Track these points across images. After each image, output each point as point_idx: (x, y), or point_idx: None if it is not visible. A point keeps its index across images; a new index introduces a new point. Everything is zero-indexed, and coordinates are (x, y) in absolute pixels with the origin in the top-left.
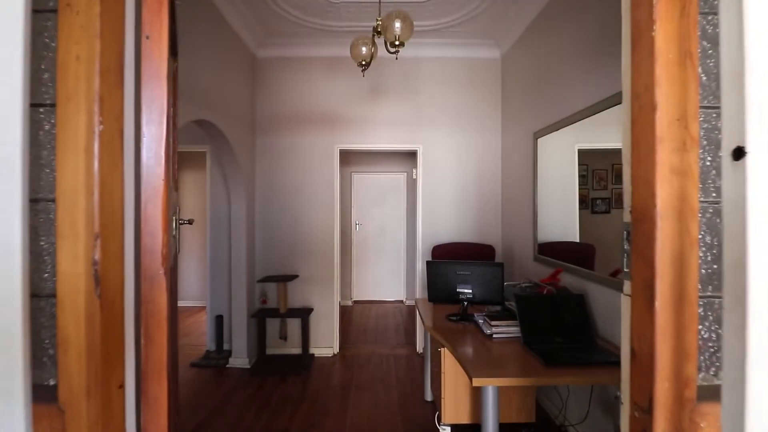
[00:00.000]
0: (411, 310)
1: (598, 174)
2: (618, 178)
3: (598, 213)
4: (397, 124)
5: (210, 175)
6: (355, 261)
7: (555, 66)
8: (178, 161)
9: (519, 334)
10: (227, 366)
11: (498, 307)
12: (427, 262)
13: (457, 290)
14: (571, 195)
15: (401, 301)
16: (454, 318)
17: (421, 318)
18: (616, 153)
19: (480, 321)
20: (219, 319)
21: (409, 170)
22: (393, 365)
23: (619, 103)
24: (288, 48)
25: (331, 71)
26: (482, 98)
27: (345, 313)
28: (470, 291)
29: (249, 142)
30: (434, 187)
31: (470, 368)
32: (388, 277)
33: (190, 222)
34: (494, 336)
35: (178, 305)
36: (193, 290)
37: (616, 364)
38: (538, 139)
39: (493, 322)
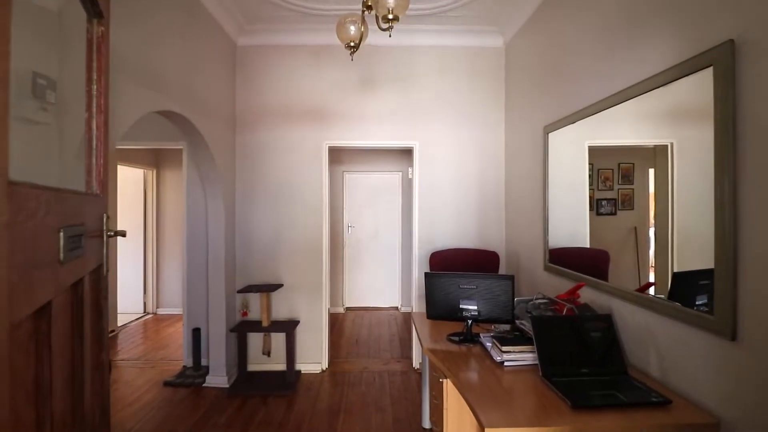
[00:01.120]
0: (406, 318)
1: (604, 173)
2: (624, 178)
3: (604, 215)
4: (391, 118)
5: (186, 174)
6: (347, 265)
7: (569, 53)
8: (157, 159)
9: (535, 362)
10: (204, 385)
11: (507, 327)
12: (426, 274)
13: (460, 306)
14: (580, 196)
15: (396, 308)
16: (457, 338)
17: (419, 337)
18: (622, 151)
19: (488, 344)
20: (196, 333)
21: (404, 169)
22: (387, 383)
23: (648, 91)
24: (271, 35)
25: (319, 61)
26: (484, 91)
27: (336, 321)
28: (475, 307)
29: (228, 138)
30: (431, 188)
31: (481, 412)
32: (382, 283)
33: (122, 234)
34: (506, 364)
35: (159, 313)
36: (175, 297)
37: (659, 404)
38: (549, 134)
39: (505, 348)
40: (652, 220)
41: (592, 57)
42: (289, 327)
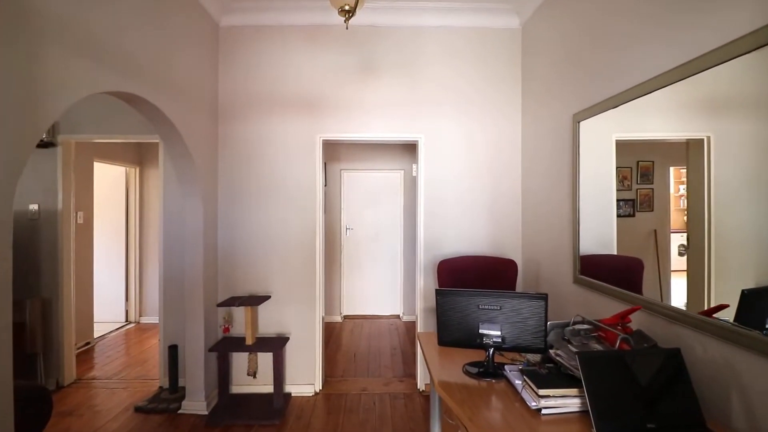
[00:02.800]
0: (409, 327)
1: (622, 172)
2: (643, 177)
3: (621, 217)
4: (393, 109)
5: (163, 170)
6: (345, 270)
7: (607, 25)
8: (140, 156)
9: (581, 409)
10: (179, 411)
11: (537, 357)
12: (438, 292)
13: (480, 331)
14: (606, 195)
15: (398, 316)
16: (476, 370)
17: (427, 365)
18: (642, 147)
19: (516, 382)
20: (173, 350)
21: (406, 167)
22: (389, 409)
23: (722, 62)
24: (258, 14)
25: (313, 43)
26: (497, 77)
27: (333, 331)
28: (498, 333)
29: (208, 129)
30: (438, 186)
31: None
32: (382, 289)
33: None
34: (544, 412)
35: (142, 322)
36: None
37: None
38: (581, 123)
39: (542, 391)
40: (678, 223)
41: (640, 24)
42: (277, 345)
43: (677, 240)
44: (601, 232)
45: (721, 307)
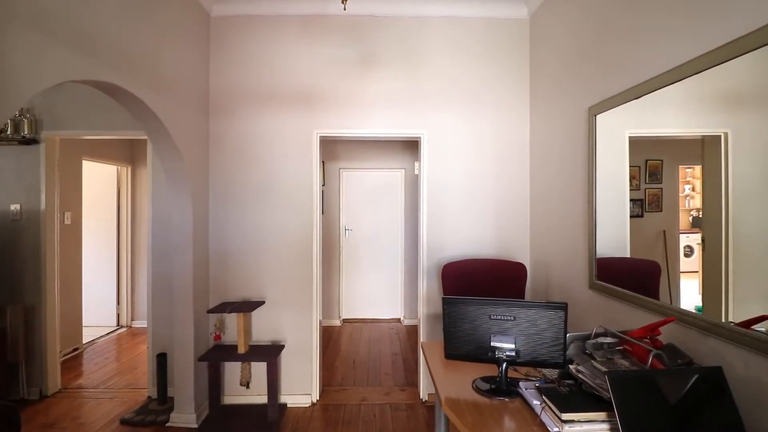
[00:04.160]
0: (410, 331)
1: (630, 171)
2: (652, 176)
3: (631, 217)
4: (395, 103)
5: (152, 168)
6: (344, 272)
7: (620, 14)
8: (132, 154)
9: None
10: (168, 424)
11: (555, 372)
12: (445, 300)
13: (492, 344)
14: (619, 196)
15: (398, 320)
16: (487, 387)
17: (433, 380)
18: (652, 145)
19: (534, 402)
20: (162, 358)
21: (408, 166)
22: (390, 421)
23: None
24: (252, 3)
25: (310, 34)
26: (504, 69)
27: (331, 335)
28: (512, 346)
29: (198, 125)
30: (442, 185)
31: None
32: (382, 292)
33: None
34: None
35: (134, 326)
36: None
37: None
38: (597, 116)
39: (565, 415)
40: (683, 224)
41: (655, 12)
42: (271, 353)
43: (683, 241)
44: (613, 233)
45: (762, 318)
